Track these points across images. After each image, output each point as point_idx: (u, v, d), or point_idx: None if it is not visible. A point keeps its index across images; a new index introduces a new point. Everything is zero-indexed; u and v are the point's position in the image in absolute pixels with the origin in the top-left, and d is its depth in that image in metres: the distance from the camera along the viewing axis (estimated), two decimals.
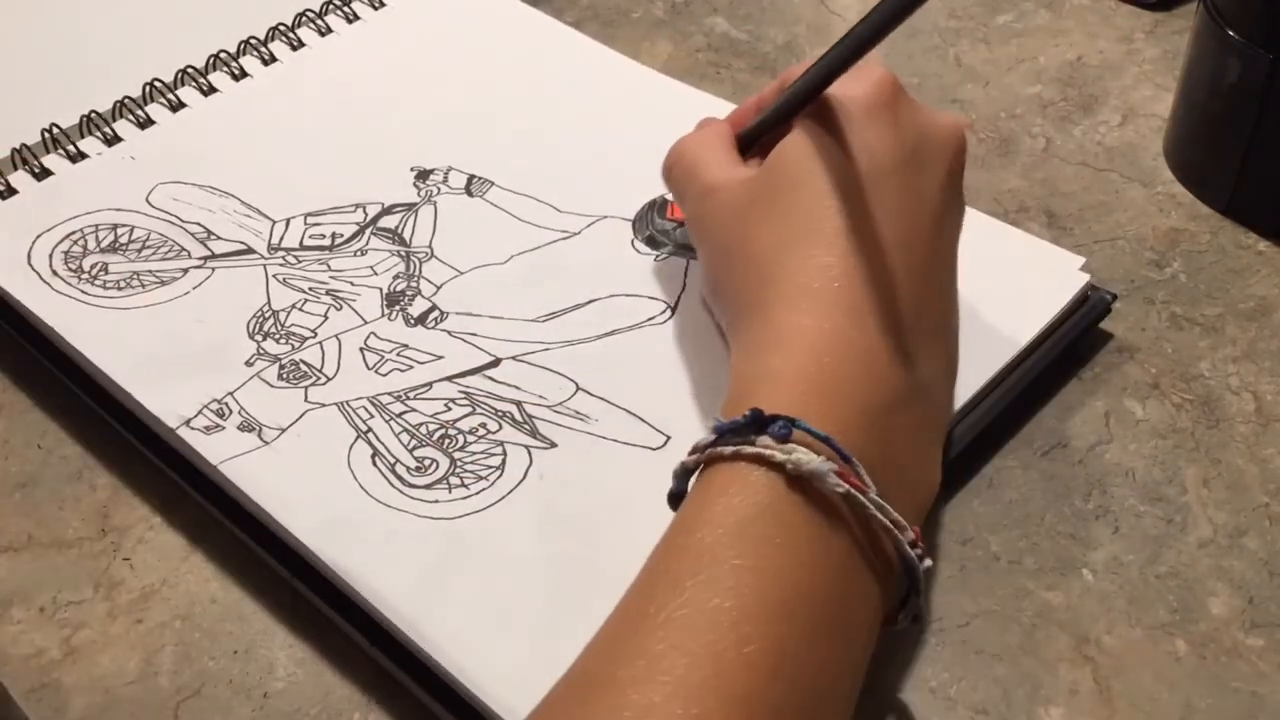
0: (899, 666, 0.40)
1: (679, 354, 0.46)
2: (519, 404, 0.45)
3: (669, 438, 0.44)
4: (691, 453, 0.36)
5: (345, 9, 0.62)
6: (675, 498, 0.37)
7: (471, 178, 0.54)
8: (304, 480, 0.42)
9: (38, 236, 0.51)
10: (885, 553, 0.35)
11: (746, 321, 0.39)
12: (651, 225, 0.51)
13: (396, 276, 0.50)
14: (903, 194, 0.39)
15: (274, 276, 0.50)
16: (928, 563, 0.36)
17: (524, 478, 0.42)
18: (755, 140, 0.45)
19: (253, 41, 0.60)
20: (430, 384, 0.46)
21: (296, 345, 0.47)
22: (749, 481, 0.34)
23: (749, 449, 0.34)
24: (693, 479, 0.36)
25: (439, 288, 0.49)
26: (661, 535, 0.35)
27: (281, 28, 0.61)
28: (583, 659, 0.33)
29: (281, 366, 0.46)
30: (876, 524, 0.34)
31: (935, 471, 0.39)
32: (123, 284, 0.49)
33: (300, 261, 0.50)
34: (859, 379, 0.36)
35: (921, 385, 0.38)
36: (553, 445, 0.43)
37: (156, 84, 0.57)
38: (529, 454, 0.43)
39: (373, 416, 0.44)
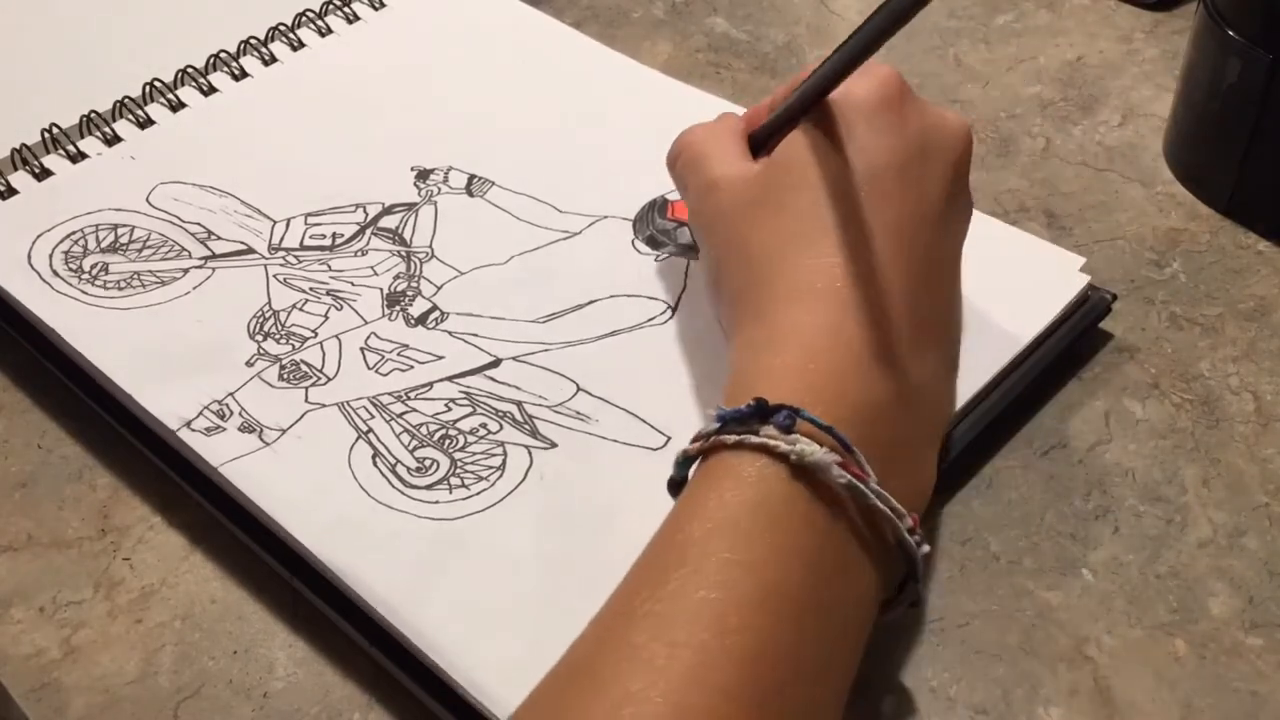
0: (898, 666, 0.40)
1: (679, 354, 0.46)
2: (519, 404, 0.45)
3: (669, 438, 0.44)
4: (694, 440, 0.35)
5: (345, 9, 0.62)
6: (675, 485, 0.37)
7: (472, 178, 0.54)
8: (305, 481, 0.42)
9: (38, 236, 0.51)
10: (884, 541, 0.35)
11: (746, 319, 0.39)
12: (652, 225, 0.51)
13: (397, 277, 0.50)
14: (905, 194, 0.39)
15: (274, 276, 0.50)
16: (926, 548, 0.36)
17: (524, 478, 0.42)
18: (762, 142, 0.45)
19: (253, 41, 0.60)
20: (431, 384, 0.46)
21: (297, 345, 0.47)
22: (745, 473, 0.34)
23: (753, 438, 0.34)
24: (693, 467, 0.36)
25: (439, 288, 0.49)
26: (664, 521, 0.35)
27: (281, 28, 0.61)
28: (569, 652, 0.33)
29: (282, 367, 0.46)
30: (876, 512, 0.34)
31: (930, 471, 0.39)
32: (123, 284, 0.49)
33: (301, 261, 0.50)
34: (857, 377, 0.37)
35: (920, 384, 0.38)
36: (553, 445, 0.43)
37: (156, 84, 0.57)
38: (529, 454, 0.43)
39: (373, 417, 0.44)
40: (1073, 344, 0.48)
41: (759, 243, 0.40)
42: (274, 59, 0.59)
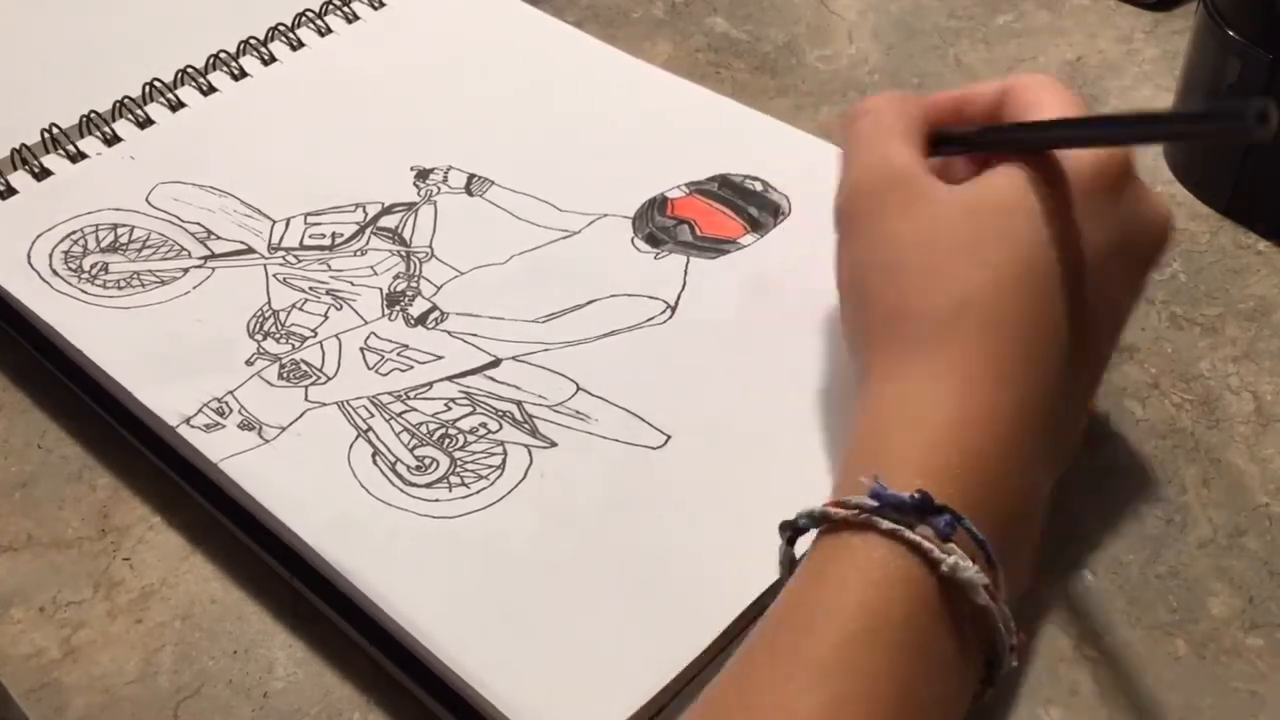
0: None
1: (679, 353, 0.46)
2: (519, 404, 0.45)
3: (669, 437, 0.44)
4: (838, 504, 0.33)
5: (345, 9, 0.62)
6: (793, 530, 0.35)
7: (471, 177, 0.54)
8: (304, 478, 0.42)
9: (38, 236, 0.51)
10: (989, 650, 0.34)
11: (899, 370, 0.36)
12: (652, 223, 0.51)
13: (397, 276, 0.50)
14: (1098, 289, 0.37)
15: (274, 276, 0.50)
16: (1014, 663, 0.34)
17: (524, 477, 0.42)
18: (950, 146, 0.42)
19: (253, 41, 0.60)
20: (430, 384, 0.46)
21: (297, 345, 0.47)
22: (898, 573, 0.32)
23: (908, 534, 0.32)
24: (813, 534, 0.34)
25: (439, 288, 0.49)
26: (791, 591, 0.33)
27: (281, 28, 0.61)
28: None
29: (282, 366, 0.46)
30: (997, 633, 0.33)
31: (1027, 572, 0.37)
32: (123, 284, 0.49)
33: (300, 261, 0.50)
34: (1005, 484, 0.35)
35: (1044, 492, 0.37)
36: (553, 445, 0.43)
37: (156, 84, 0.57)
38: (529, 453, 0.43)
39: (373, 416, 0.44)
40: None
41: (933, 291, 0.37)
42: (273, 59, 0.59)
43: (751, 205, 0.52)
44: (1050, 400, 0.36)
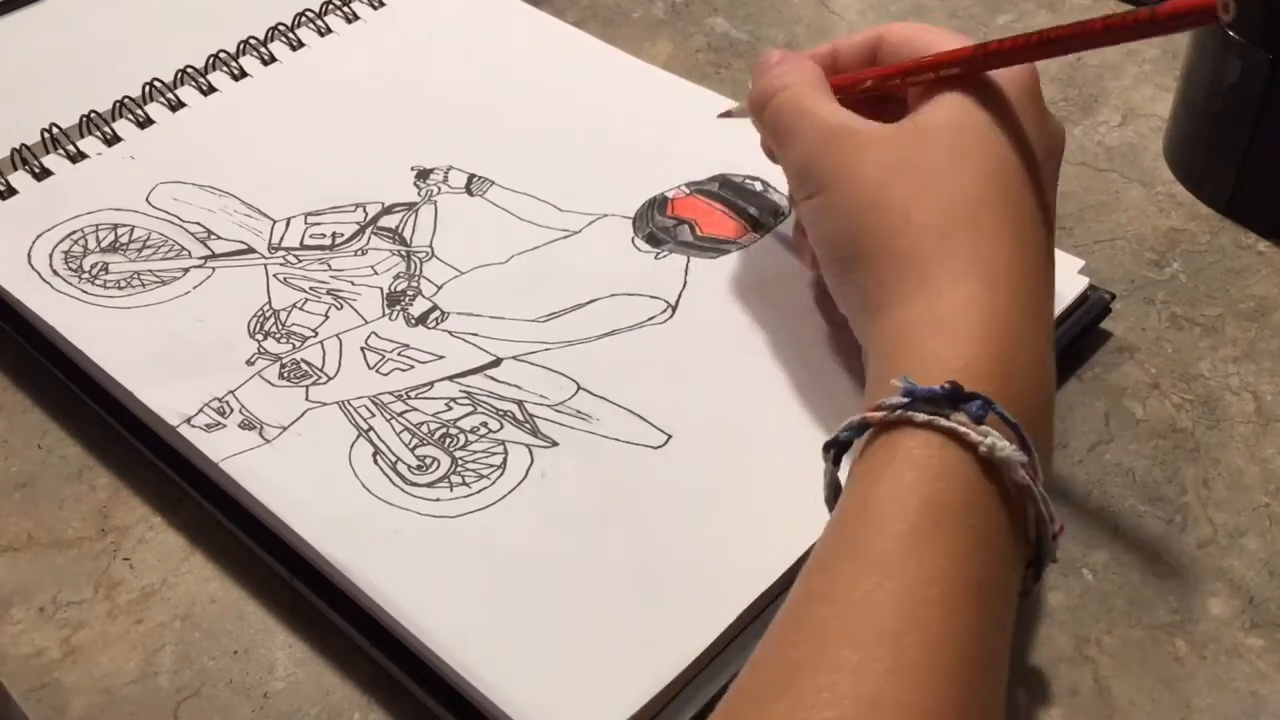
0: None
1: (680, 352, 0.46)
2: (520, 403, 0.45)
3: (670, 436, 0.44)
4: (875, 408, 0.35)
5: (345, 9, 0.62)
6: (840, 446, 0.36)
7: (472, 177, 0.54)
8: (305, 478, 0.42)
9: (38, 236, 0.51)
10: (1031, 539, 0.35)
11: (908, 288, 0.38)
12: (652, 223, 0.51)
13: (397, 276, 0.50)
14: (1048, 185, 0.40)
15: (274, 276, 0.50)
16: (1055, 558, 0.36)
17: (525, 477, 0.42)
18: (855, 93, 0.44)
19: (252, 41, 0.60)
20: (431, 383, 0.46)
21: (297, 344, 0.47)
22: (943, 461, 0.33)
23: (943, 422, 0.33)
24: (863, 438, 0.35)
25: (440, 287, 0.49)
26: (848, 499, 0.34)
27: (281, 28, 0.61)
28: (776, 646, 0.32)
29: (282, 366, 0.46)
30: (1039, 516, 0.34)
31: (1049, 462, 0.38)
32: (123, 283, 0.49)
33: (301, 261, 0.50)
34: (1028, 371, 0.36)
35: (1053, 373, 0.38)
36: (554, 444, 0.43)
37: (156, 84, 0.57)
38: (530, 453, 0.43)
39: (374, 415, 0.44)
40: (1072, 344, 0.48)
41: (924, 210, 0.39)
42: (273, 59, 0.59)
43: (752, 205, 0.52)
44: (1042, 287, 0.38)
